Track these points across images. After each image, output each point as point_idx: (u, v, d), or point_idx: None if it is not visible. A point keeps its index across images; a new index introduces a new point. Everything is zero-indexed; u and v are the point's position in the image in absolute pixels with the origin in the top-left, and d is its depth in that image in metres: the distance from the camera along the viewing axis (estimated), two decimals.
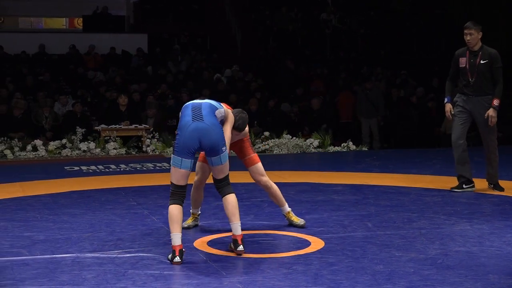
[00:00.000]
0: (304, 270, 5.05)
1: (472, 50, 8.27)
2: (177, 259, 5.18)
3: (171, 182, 5.46)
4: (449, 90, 8.45)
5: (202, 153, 6.09)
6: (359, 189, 8.60)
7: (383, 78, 18.05)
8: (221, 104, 5.86)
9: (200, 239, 6.06)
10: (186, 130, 5.39)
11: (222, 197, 5.62)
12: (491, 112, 8.07)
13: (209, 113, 5.50)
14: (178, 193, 5.43)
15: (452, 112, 8.33)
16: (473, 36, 8.21)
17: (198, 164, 6.27)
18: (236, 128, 5.95)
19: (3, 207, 7.59)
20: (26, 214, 7.20)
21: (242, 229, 5.59)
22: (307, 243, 5.88)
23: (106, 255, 5.51)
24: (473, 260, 5.32)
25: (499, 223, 6.63)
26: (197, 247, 5.79)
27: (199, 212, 6.61)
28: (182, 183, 5.43)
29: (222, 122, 5.69)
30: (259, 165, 6.39)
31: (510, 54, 18.59)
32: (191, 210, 6.53)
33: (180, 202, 5.41)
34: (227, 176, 5.60)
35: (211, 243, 5.91)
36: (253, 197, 8.06)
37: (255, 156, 6.40)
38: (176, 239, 5.26)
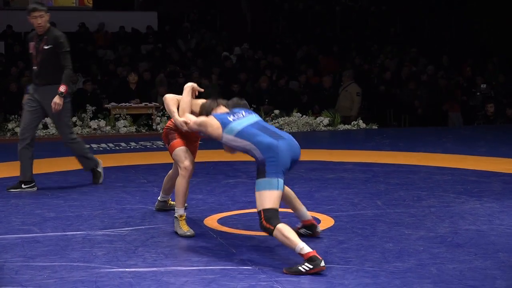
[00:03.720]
0: (313, 248, 5.05)
1: (39, 34, 7.33)
2: (323, 262, 4.54)
3: (264, 209, 4.69)
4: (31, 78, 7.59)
5: (180, 140, 5.63)
6: (369, 167, 8.59)
7: (393, 56, 17.99)
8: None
9: (210, 217, 6.07)
10: (279, 150, 4.79)
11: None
12: (56, 99, 7.20)
13: (273, 127, 5.13)
14: (278, 216, 4.72)
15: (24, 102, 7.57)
16: (43, 18, 7.26)
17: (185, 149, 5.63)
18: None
19: None
20: (37, 192, 7.23)
21: (253, 207, 5.60)
22: (317, 221, 5.87)
23: (117, 233, 5.53)
24: (483, 238, 5.32)
25: (509, 201, 6.61)
26: (207, 224, 5.81)
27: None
28: (278, 205, 4.77)
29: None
30: None
31: None
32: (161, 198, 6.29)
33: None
34: None
35: (221, 221, 5.93)
36: None
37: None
38: (307, 247, 4.60)
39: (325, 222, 5.86)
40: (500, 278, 4.40)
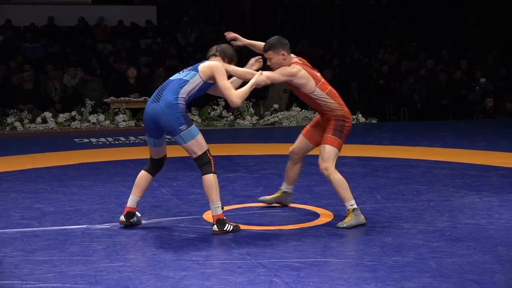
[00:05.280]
0: (313, 242, 5.07)
1: None
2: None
3: None
4: None
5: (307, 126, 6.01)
6: (368, 162, 8.59)
7: (393, 50, 17.98)
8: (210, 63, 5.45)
9: (209, 211, 6.06)
10: (145, 110, 5.39)
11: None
12: None
13: (172, 91, 5.25)
14: (150, 162, 5.61)
15: None
16: None
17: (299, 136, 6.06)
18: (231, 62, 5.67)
19: (14, 179, 7.63)
20: (36, 186, 7.23)
21: (252, 201, 5.59)
22: (316, 215, 5.89)
23: (116, 227, 5.54)
24: (482, 232, 5.32)
25: (508, 195, 6.62)
26: (206, 219, 5.81)
27: (286, 190, 6.19)
28: (151, 155, 5.59)
29: (203, 88, 5.40)
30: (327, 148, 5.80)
31: None
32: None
33: (148, 170, 5.60)
34: (202, 155, 5.33)
35: None
36: (262, 169, 8.07)
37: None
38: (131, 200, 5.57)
39: (324, 216, 5.86)
40: (499, 272, 4.40)
